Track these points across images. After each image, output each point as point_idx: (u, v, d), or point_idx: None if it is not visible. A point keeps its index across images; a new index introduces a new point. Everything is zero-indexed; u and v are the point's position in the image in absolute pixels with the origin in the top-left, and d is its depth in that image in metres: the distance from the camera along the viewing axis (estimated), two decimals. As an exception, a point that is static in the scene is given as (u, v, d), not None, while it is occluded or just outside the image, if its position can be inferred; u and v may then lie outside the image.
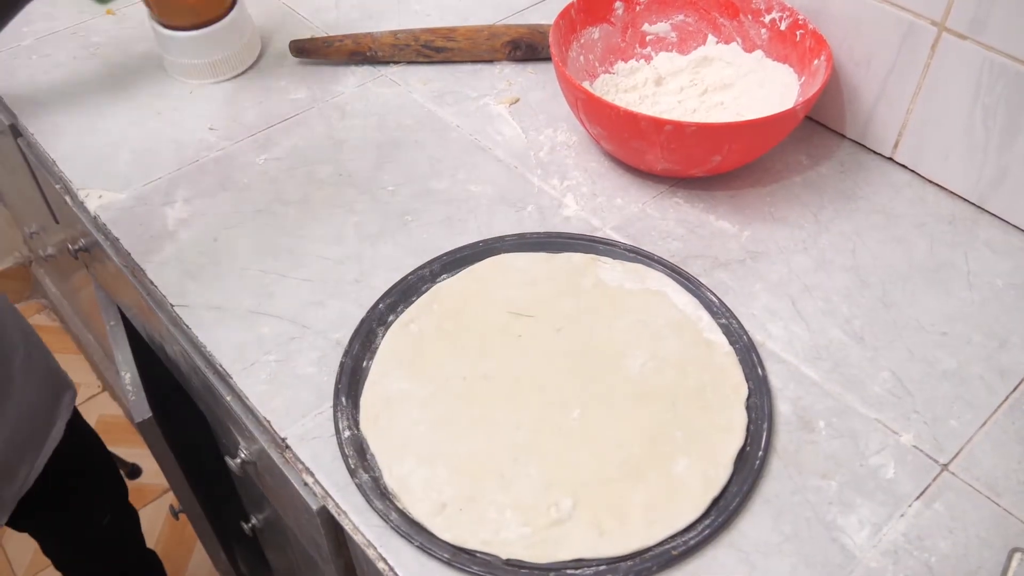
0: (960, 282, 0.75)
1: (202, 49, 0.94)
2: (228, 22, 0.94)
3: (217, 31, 0.93)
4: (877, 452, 0.63)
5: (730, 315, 0.71)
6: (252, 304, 0.74)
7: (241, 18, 0.96)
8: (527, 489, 0.60)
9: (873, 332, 0.71)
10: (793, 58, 0.85)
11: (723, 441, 0.63)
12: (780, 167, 0.85)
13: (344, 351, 0.69)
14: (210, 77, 0.96)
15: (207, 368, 0.74)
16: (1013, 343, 0.70)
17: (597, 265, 0.75)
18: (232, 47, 0.95)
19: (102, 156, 0.88)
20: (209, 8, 0.93)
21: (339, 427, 0.64)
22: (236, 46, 0.96)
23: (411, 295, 0.73)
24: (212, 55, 0.94)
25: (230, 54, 0.95)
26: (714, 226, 0.80)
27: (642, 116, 0.75)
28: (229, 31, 0.94)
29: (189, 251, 0.78)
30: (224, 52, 0.95)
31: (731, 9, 0.89)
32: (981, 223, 0.80)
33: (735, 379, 0.66)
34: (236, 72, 0.97)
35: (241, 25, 0.96)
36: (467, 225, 0.80)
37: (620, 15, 0.91)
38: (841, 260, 0.77)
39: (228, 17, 0.94)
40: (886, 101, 0.83)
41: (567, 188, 0.83)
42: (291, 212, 0.81)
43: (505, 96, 0.94)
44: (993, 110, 0.75)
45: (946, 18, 0.75)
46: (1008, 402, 0.66)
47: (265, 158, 0.87)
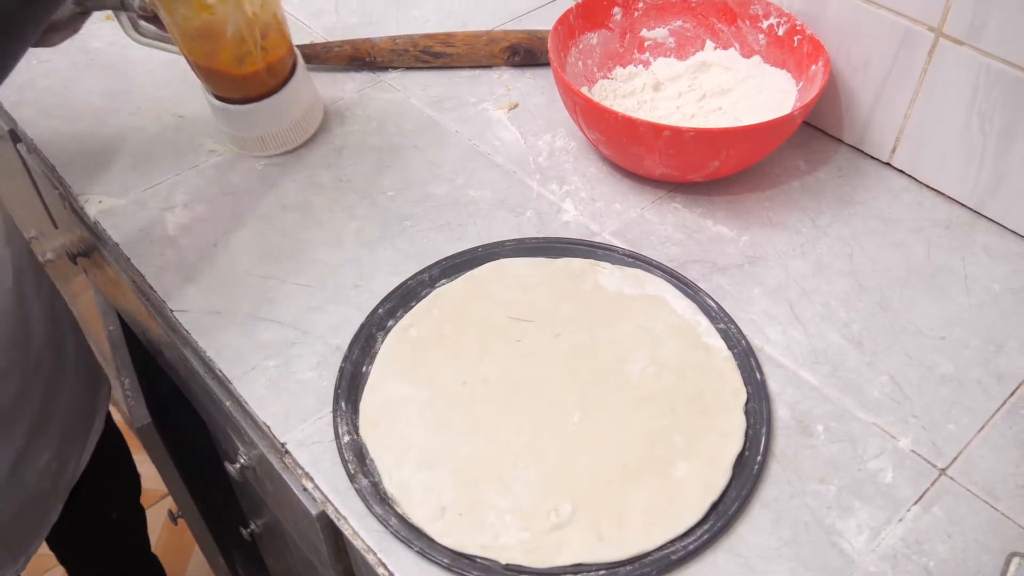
0: (958, 287, 0.75)
1: (249, 123, 0.86)
2: (280, 96, 0.85)
3: (267, 106, 0.85)
4: (875, 456, 0.63)
5: (728, 320, 0.71)
6: (252, 309, 0.74)
7: (297, 89, 0.87)
8: (527, 494, 0.60)
9: (871, 337, 0.71)
10: (791, 63, 0.86)
11: (722, 446, 0.63)
12: (778, 172, 0.86)
13: (344, 356, 0.69)
14: (259, 151, 0.88)
15: (206, 373, 0.74)
16: (1010, 347, 0.70)
17: (596, 270, 0.75)
18: (282, 122, 0.86)
19: (102, 162, 0.88)
20: (259, 84, 0.84)
21: (339, 432, 0.64)
22: (287, 121, 0.87)
23: (411, 300, 0.73)
24: (259, 129, 0.86)
25: (279, 128, 0.87)
26: (712, 231, 0.80)
27: (640, 121, 0.75)
28: (280, 105, 0.85)
29: (189, 256, 0.78)
30: (273, 127, 0.86)
31: (729, 15, 0.89)
32: (978, 228, 0.80)
33: (734, 384, 0.67)
34: (288, 148, 0.88)
35: (296, 98, 0.87)
36: (466, 230, 0.80)
37: (618, 21, 0.91)
38: (839, 265, 0.77)
39: (282, 91, 0.85)
40: (883, 106, 0.83)
41: (566, 193, 0.84)
42: (291, 217, 0.82)
43: (504, 101, 0.95)
44: (990, 115, 0.76)
45: (943, 24, 0.75)
46: (1006, 406, 0.67)
47: (265, 163, 0.87)
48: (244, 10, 0.77)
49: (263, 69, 0.82)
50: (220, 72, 0.82)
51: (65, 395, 0.88)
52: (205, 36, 0.78)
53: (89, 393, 0.94)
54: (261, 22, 0.79)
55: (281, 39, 0.83)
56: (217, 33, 0.78)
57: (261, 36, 0.80)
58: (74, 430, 0.90)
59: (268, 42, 0.81)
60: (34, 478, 0.83)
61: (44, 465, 0.84)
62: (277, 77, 0.84)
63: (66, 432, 0.88)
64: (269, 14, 0.80)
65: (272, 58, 0.82)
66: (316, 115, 0.91)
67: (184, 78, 0.98)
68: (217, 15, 0.76)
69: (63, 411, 0.87)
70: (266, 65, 0.82)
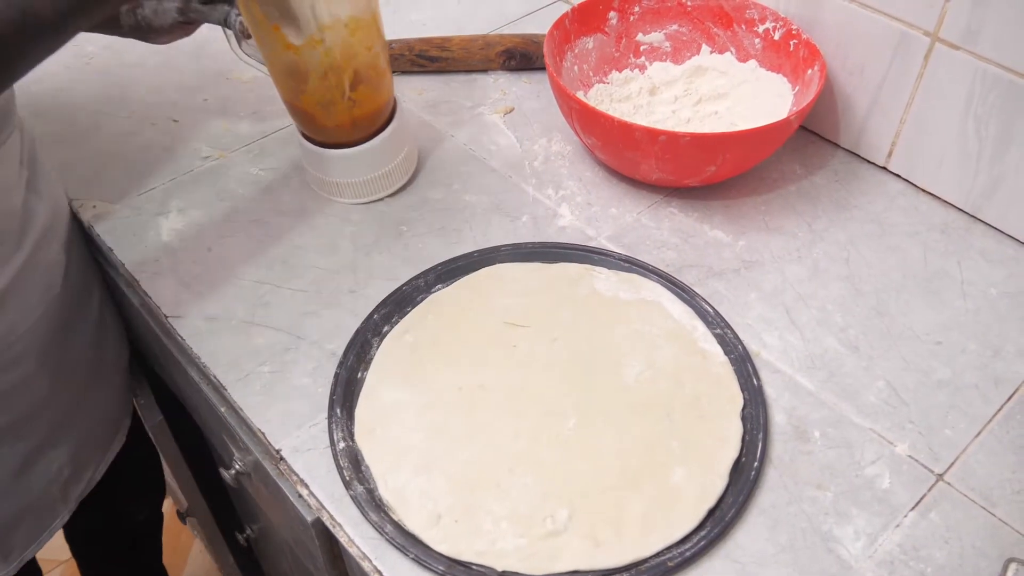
0: (954, 291, 0.75)
1: (326, 168, 0.81)
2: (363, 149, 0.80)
3: (348, 156, 0.80)
4: (872, 462, 0.63)
5: (725, 325, 0.71)
6: (246, 314, 0.73)
7: (386, 146, 0.81)
8: (523, 500, 0.60)
9: (868, 341, 0.71)
10: (787, 68, 0.85)
11: (719, 452, 0.63)
12: (775, 176, 0.86)
13: (339, 362, 0.69)
14: (335, 195, 0.83)
15: (201, 379, 0.74)
16: (1007, 352, 0.70)
17: (592, 275, 0.75)
18: (361, 175, 0.81)
19: (96, 167, 0.88)
20: (342, 134, 0.79)
21: (334, 438, 0.64)
22: (367, 175, 0.82)
23: (406, 305, 0.73)
24: (336, 176, 0.82)
25: (358, 180, 0.82)
26: (709, 235, 0.80)
27: (636, 126, 0.75)
28: (361, 158, 0.80)
29: (183, 261, 0.78)
30: (350, 177, 0.82)
31: (725, 19, 0.89)
32: (975, 232, 0.80)
33: (730, 389, 0.66)
34: (364, 200, 0.83)
35: (381, 154, 0.81)
36: (462, 235, 0.80)
37: (614, 25, 0.91)
38: (835, 269, 0.77)
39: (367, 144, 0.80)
40: (879, 111, 0.83)
41: (562, 198, 0.83)
42: (286, 222, 0.81)
43: (500, 106, 0.94)
44: (986, 120, 0.76)
45: (939, 28, 0.75)
46: (1003, 411, 0.67)
47: (260, 168, 0.87)
48: (333, 56, 0.73)
49: (348, 121, 0.78)
50: (304, 112, 0.78)
51: (93, 405, 0.88)
52: (290, 75, 0.75)
53: (117, 407, 0.93)
54: (352, 72, 0.74)
55: (374, 93, 0.77)
56: (301, 75, 0.74)
57: (350, 87, 0.75)
58: (95, 441, 0.89)
59: (358, 94, 0.76)
60: (42, 483, 0.82)
61: (56, 472, 0.83)
62: (364, 130, 0.79)
63: (86, 442, 0.87)
64: (366, 66, 0.75)
65: (360, 112, 0.77)
66: (403, 171, 0.84)
67: (179, 83, 0.98)
68: (302, 57, 0.72)
69: (87, 420, 0.87)
70: (352, 118, 0.78)
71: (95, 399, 0.88)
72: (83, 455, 0.87)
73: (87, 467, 0.88)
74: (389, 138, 0.81)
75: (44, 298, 0.77)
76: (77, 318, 0.83)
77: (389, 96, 0.80)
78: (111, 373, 0.91)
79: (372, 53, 0.75)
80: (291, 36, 0.71)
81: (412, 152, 0.85)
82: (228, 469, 0.77)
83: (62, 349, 0.81)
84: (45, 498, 0.83)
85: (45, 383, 0.79)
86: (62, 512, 0.86)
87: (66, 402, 0.83)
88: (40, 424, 0.80)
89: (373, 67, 0.76)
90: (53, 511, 0.85)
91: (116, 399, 0.93)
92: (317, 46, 0.71)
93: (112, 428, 0.92)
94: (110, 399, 0.91)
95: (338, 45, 0.72)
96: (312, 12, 0.69)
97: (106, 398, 0.90)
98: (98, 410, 0.89)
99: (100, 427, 0.90)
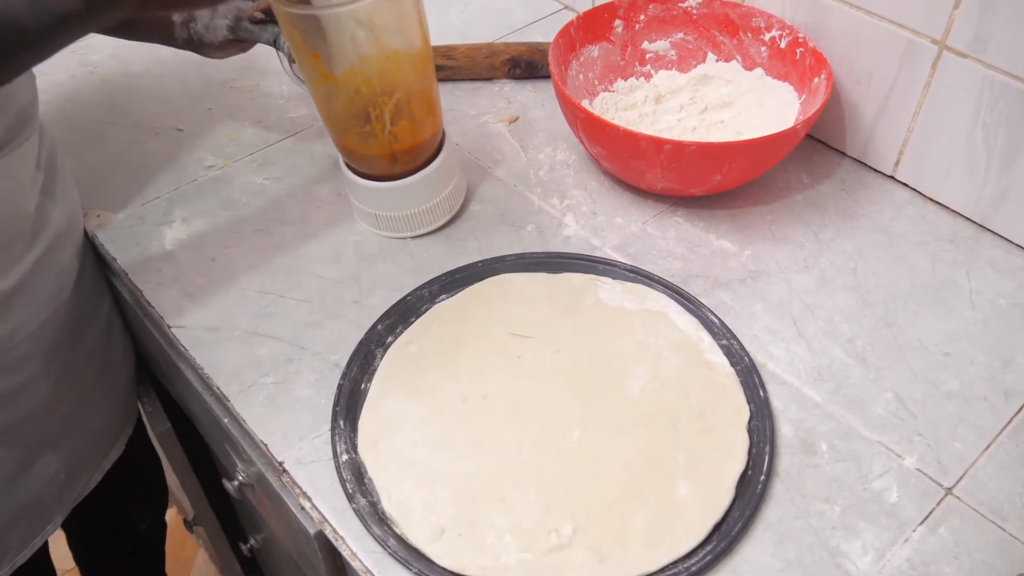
0: (962, 301, 0.74)
1: (366, 199, 0.79)
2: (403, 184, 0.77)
3: (387, 189, 0.77)
4: (880, 476, 0.62)
5: (731, 336, 0.70)
6: (250, 325, 0.73)
7: (427, 182, 0.78)
8: (527, 513, 0.59)
9: (875, 352, 0.70)
10: (793, 76, 0.85)
11: (725, 464, 0.62)
12: (781, 185, 0.85)
13: (342, 373, 0.68)
14: (372, 226, 0.81)
15: (204, 390, 0.74)
16: (1017, 363, 0.70)
17: (597, 285, 0.74)
18: (400, 210, 0.79)
19: (100, 176, 0.88)
20: (382, 167, 0.77)
21: (337, 451, 0.63)
22: (406, 211, 0.79)
23: (410, 316, 0.73)
24: (374, 208, 0.79)
25: (397, 215, 0.79)
26: (715, 245, 0.79)
27: (642, 136, 0.74)
28: (399, 193, 0.78)
29: (187, 271, 0.78)
30: (389, 211, 0.79)
31: (731, 27, 0.89)
32: (983, 242, 0.79)
33: (736, 401, 0.66)
34: (401, 235, 0.80)
35: (421, 190, 0.78)
36: (466, 245, 0.79)
37: (619, 33, 0.91)
38: (843, 279, 0.76)
39: (407, 179, 0.77)
40: (886, 119, 0.83)
41: (567, 207, 0.83)
42: (290, 232, 0.81)
43: (505, 114, 0.94)
44: (994, 129, 0.75)
45: (947, 36, 0.74)
46: (1013, 424, 0.66)
47: (264, 177, 0.87)
48: (372, 89, 0.70)
49: (387, 155, 0.75)
50: (344, 141, 0.76)
51: (94, 411, 0.87)
52: (330, 104, 0.73)
53: (119, 414, 0.93)
54: (394, 106, 0.71)
55: (417, 129, 0.75)
56: (341, 105, 0.72)
57: (391, 120, 0.72)
58: (94, 446, 0.89)
59: (399, 128, 0.73)
60: (38, 486, 0.82)
61: (52, 475, 0.83)
62: (405, 164, 0.77)
63: (85, 447, 0.87)
64: (408, 100, 0.72)
65: (400, 147, 0.75)
66: (446, 208, 0.81)
67: (184, 92, 0.98)
68: (340, 87, 0.70)
69: (87, 426, 0.87)
70: (392, 152, 0.75)
71: (97, 405, 0.88)
72: (81, 460, 0.87)
73: (84, 472, 0.88)
74: (431, 175, 0.78)
75: (53, 301, 0.77)
76: (85, 324, 0.83)
77: (434, 132, 0.77)
78: (115, 380, 0.91)
79: (416, 88, 0.72)
80: (330, 66, 0.69)
81: (459, 188, 0.82)
82: (231, 480, 0.77)
83: (68, 354, 0.81)
84: (40, 501, 0.83)
85: (48, 386, 0.79)
86: (56, 516, 0.86)
87: (67, 406, 0.83)
88: (40, 427, 0.80)
89: (417, 102, 0.73)
90: (48, 514, 0.85)
91: (119, 406, 0.92)
92: (356, 77, 0.69)
93: (113, 434, 0.92)
94: (112, 406, 0.91)
95: (378, 78, 0.70)
96: (352, 43, 0.67)
97: (108, 405, 0.90)
98: (99, 416, 0.89)
99: (100, 433, 0.90)
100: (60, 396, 0.81)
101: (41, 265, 0.75)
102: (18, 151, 0.71)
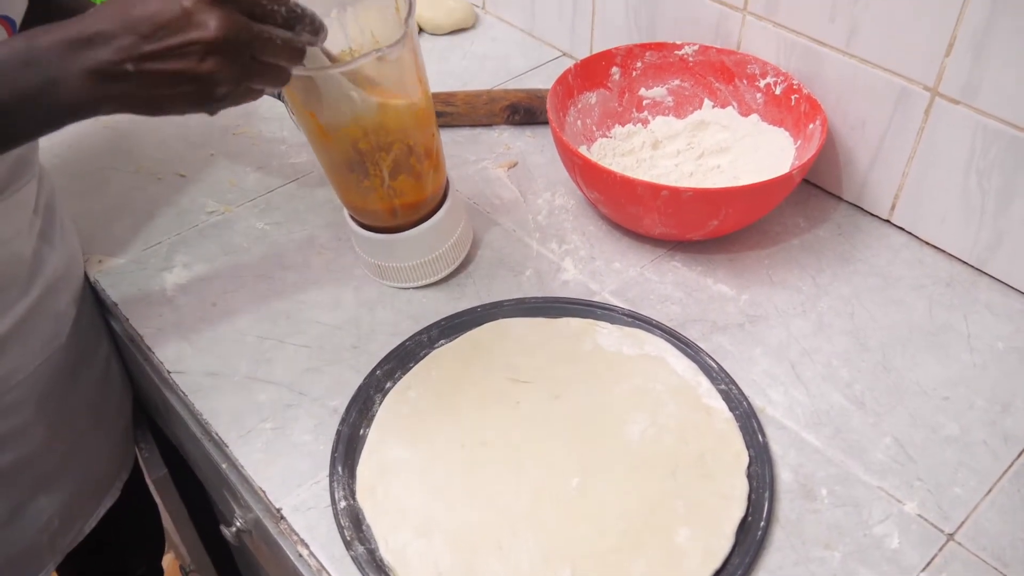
0: (961, 345, 0.75)
1: (367, 249, 0.79)
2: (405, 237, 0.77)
3: (389, 241, 0.77)
4: (881, 521, 0.62)
5: (730, 380, 0.70)
6: (249, 370, 0.73)
7: (430, 235, 0.78)
8: (525, 561, 0.59)
9: (874, 397, 0.70)
10: (788, 122, 0.86)
11: (724, 511, 0.62)
12: (778, 230, 0.86)
13: (341, 419, 0.68)
14: (376, 276, 0.81)
15: (203, 435, 0.74)
16: (1017, 407, 0.70)
17: (595, 330, 0.74)
18: (403, 261, 0.78)
19: (102, 221, 0.88)
20: (382, 219, 0.77)
21: (335, 497, 0.63)
22: (409, 262, 0.79)
23: (409, 361, 0.73)
24: (376, 258, 0.79)
25: (400, 265, 0.79)
26: (712, 290, 0.80)
27: (639, 182, 0.75)
28: (400, 245, 0.77)
29: (187, 317, 0.78)
30: (392, 262, 0.79)
31: (726, 74, 0.90)
32: (980, 285, 0.80)
33: (736, 446, 0.66)
34: (405, 285, 0.80)
35: (423, 243, 0.78)
36: (465, 290, 0.80)
37: (617, 80, 0.92)
38: (840, 323, 0.76)
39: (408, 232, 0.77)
40: (881, 164, 0.84)
41: (565, 252, 0.84)
42: (290, 277, 0.82)
43: (504, 160, 0.95)
44: (988, 173, 0.76)
45: (939, 83, 0.76)
46: (1013, 468, 0.66)
47: (265, 223, 0.87)
48: (370, 144, 0.70)
49: (387, 209, 0.75)
50: (345, 194, 0.76)
51: (89, 456, 0.87)
52: (328, 158, 0.73)
53: (115, 459, 0.93)
54: (392, 161, 0.71)
55: (418, 184, 0.74)
56: (340, 161, 0.72)
57: (390, 175, 0.72)
58: (89, 492, 0.89)
59: (399, 183, 0.73)
60: (31, 532, 0.82)
61: (46, 521, 0.83)
62: (406, 218, 0.76)
63: (79, 492, 0.87)
64: (407, 156, 0.72)
65: (401, 202, 0.75)
66: (450, 259, 0.80)
67: (185, 137, 0.99)
68: (336, 143, 0.70)
69: (82, 471, 0.86)
70: (392, 207, 0.75)
71: (92, 451, 0.87)
72: (75, 506, 0.86)
73: (78, 518, 0.88)
74: (434, 227, 0.77)
75: (49, 347, 0.78)
76: (82, 369, 0.83)
77: (437, 186, 0.77)
78: (111, 426, 0.91)
79: (416, 142, 0.72)
80: (326, 124, 0.69)
81: (464, 239, 0.81)
82: (229, 526, 0.76)
83: (63, 398, 0.81)
84: (33, 547, 0.83)
85: (42, 431, 0.79)
86: (49, 563, 0.85)
87: (62, 451, 0.82)
88: (34, 472, 0.80)
89: (417, 156, 0.73)
90: (40, 561, 0.84)
91: (115, 451, 0.92)
92: (353, 133, 0.69)
93: (108, 480, 0.92)
94: (108, 450, 0.91)
95: (375, 133, 0.69)
96: (348, 102, 0.67)
97: (104, 449, 0.90)
98: (94, 462, 0.88)
99: (95, 478, 0.89)
100: (55, 441, 0.81)
101: (37, 310, 0.75)
102: (16, 195, 0.72)
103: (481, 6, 1.21)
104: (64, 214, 0.81)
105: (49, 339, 0.77)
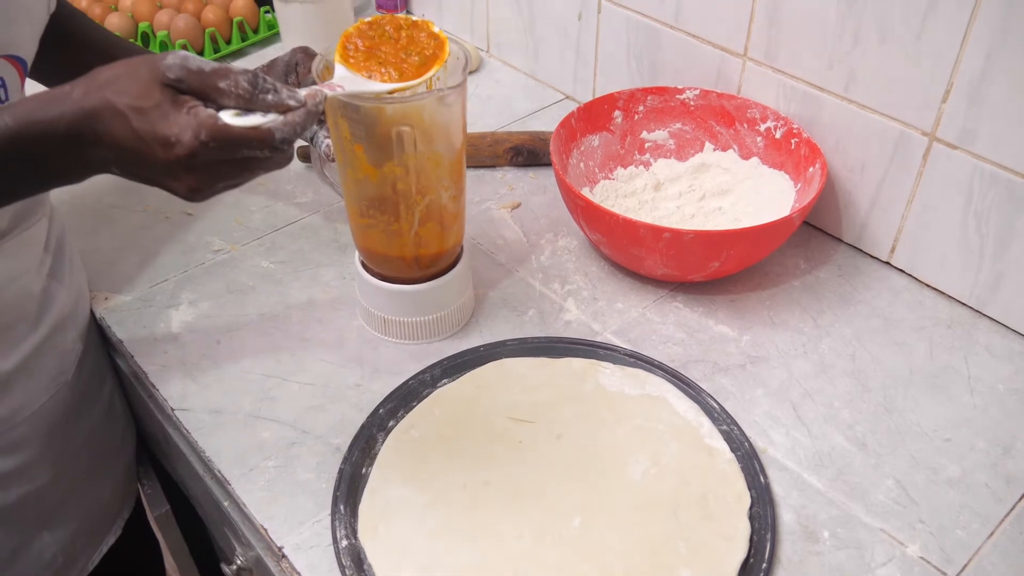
0: (961, 387, 0.75)
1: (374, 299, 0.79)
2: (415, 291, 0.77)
3: (400, 293, 0.77)
4: (883, 564, 0.62)
5: (731, 421, 0.70)
6: (252, 408, 0.74)
7: (441, 292, 0.78)
8: (527, 602, 0.59)
9: (876, 438, 0.71)
10: (788, 165, 0.87)
11: (726, 552, 0.62)
12: (779, 271, 0.86)
13: (344, 457, 0.68)
14: (379, 331, 0.80)
15: (205, 472, 0.74)
16: (1018, 449, 0.70)
17: (597, 370, 0.75)
18: (411, 316, 0.78)
19: (109, 259, 0.89)
20: (400, 269, 0.77)
21: (336, 536, 0.63)
22: (416, 319, 0.78)
23: (412, 400, 0.73)
24: (382, 311, 0.79)
25: (407, 320, 0.78)
26: (714, 331, 0.80)
27: (641, 223, 0.76)
28: (410, 300, 0.77)
29: (192, 354, 0.78)
30: (400, 316, 0.78)
31: (727, 118, 0.91)
32: (980, 327, 0.80)
33: (737, 487, 0.66)
34: (409, 341, 0.80)
35: (433, 299, 0.78)
36: (468, 329, 0.80)
37: (619, 123, 0.93)
38: (842, 364, 0.77)
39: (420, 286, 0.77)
40: (881, 207, 0.84)
41: (568, 292, 0.84)
42: (294, 315, 0.82)
43: (507, 200, 0.96)
44: (986, 217, 0.77)
45: (936, 128, 0.77)
46: (1016, 511, 0.66)
47: (270, 261, 0.88)
48: (408, 186, 0.70)
49: (410, 256, 0.75)
50: (367, 238, 0.76)
51: (92, 493, 0.87)
52: (362, 196, 0.73)
53: (117, 496, 0.93)
54: (425, 207, 0.72)
55: (443, 234, 0.75)
56: (373, 198, 0.72)
57: (420, 221, 0.72)
58: (92, 529, 0.88)
59: (426, 231, 0.73)
60: (34, 568, 0.81)
61: (49, 559, 0.82)
62: (424, 270, 0.77)
63: (82, 530, 0.87)
64: (439, 205, 0.73)
65: (424, 252, 0.75)
66: (451, 322, 0.80)
67: (194, 177, 1.00)
68: (377, 181, 0.70)
69: (85, 509, 0.86)
70: (415, 255, 0.75)
71: (95, 488, 0.87)
72: (78, 543, 0.86)
73: (81, 555, 0.87)
74: (452, 281, 0.78)
75: (54, 384, 0.78)
76: (86, 406, 0.83)
77: (456, 241, 0.78)
78: (114, 463, 0.91)
79: (448, 194, 0.73)
80: (372, 159, 0.69)
81: (467, 303, 0.82)
82: (230, 564, 0.76)
83: (67, 436, 0.81)
84: None
85: (46, 468, 0.79)
86: None
87: (65, 489, 0.82)
88: (37, 509, 0.80)
89: (447, 208, 0.74)
90: None
91: (117, 488, 0.92)
92: (395, 172, 0.69)
93: (111, 517, 0.91)
94: (111, 488, 0.91)
95: (416, 176, 0.70)
96: (397, 138, 0.67)
97: (107, 486, 0.90)
98: (97, 499, 0.88)
99: (98, 515, 0.89)
100: (58, 478, 0.81)
101: (44, 347, 0.76)
102: (27, 233, 0.73)
103: (485, 49, 1.23)
104: (73, 251, 0.82)
105: (55, 376, 0.78)
